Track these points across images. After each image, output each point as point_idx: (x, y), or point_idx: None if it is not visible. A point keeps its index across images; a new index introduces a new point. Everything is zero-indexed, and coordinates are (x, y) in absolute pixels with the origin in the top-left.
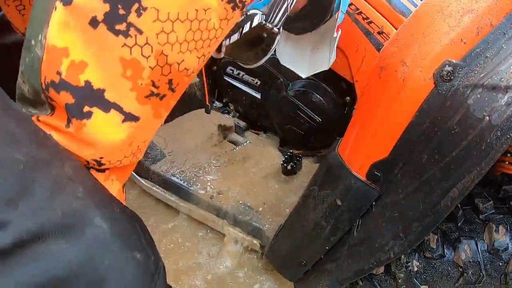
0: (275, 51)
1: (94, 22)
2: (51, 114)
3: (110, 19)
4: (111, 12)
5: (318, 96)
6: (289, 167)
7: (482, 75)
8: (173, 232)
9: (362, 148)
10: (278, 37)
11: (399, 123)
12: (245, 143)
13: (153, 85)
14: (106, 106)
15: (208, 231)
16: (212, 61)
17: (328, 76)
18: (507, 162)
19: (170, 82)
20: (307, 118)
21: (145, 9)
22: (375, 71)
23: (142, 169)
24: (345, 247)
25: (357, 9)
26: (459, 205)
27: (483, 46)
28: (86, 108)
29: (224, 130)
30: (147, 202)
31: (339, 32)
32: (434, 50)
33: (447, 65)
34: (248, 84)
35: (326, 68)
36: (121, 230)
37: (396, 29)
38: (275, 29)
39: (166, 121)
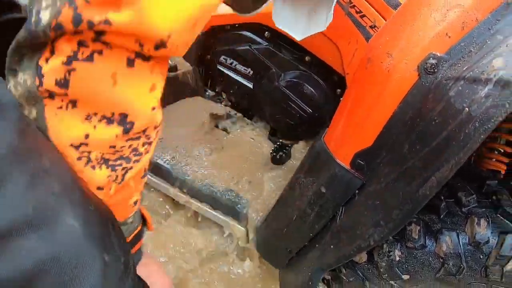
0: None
1: None
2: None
3: None
4: None
5: (310, 87)
6: (278, 156)
7: (465, 68)
8: (161, 217)
9: (347, 137)
10: None
11: (383, 113)
12: (236, 132)
13: None
14: None
15: (199, 218)
16: (206, 50)
17: (320, 68)
18: (494, 159)
19: None
20: (298, 109)
21: None
22: (363, 62)
23: None
24: (328, 234)
25: (351, 2)
26: (442, 198)
27: (468, 41)
28: None
29: (215, 118)
30: None
31: None
32: (419, 43)
33: (431, 58)
34: (241, 74)
35: (323, 29)
36: (92, 231)
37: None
38: None
39: None
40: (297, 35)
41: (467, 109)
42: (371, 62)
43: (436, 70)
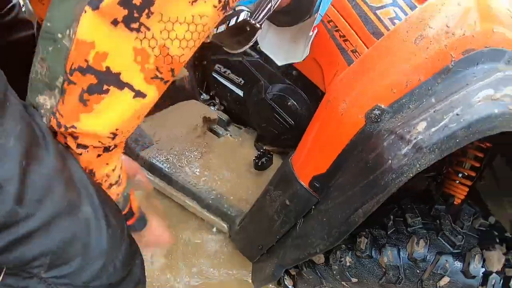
0: (257, 42)
1: (115, 22)
2: (61, 101)
3: (127, 20)
4: (128, 15)
5: (293, 101)
6: (260, 163)
7: (400, 123)
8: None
9: (308, 162)
10: (259, 31)
11: (336, 148)
12: (226, 136)
13: (157, 70)
14: (121, 85)
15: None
16: (202, 56)
17: (305, 84)
18: (457, 181)
19: (172, 70)
20: (282, 120)
21: (152, 13)
22: (324, 102)
23: (132, 154)
24: (289, 239)
25: (336, 26)
26: (391, 217)
27: (409, 98)
28: (105, 87)
29: (208, 122)
30: None
31: (315, 31)
32: (368, 94)
33: (376, 109)
34: (233, 82)
35: (299, 60)
36: (99, 213)
37: (368, 49)
38: (257, 25)
39: (157, 111)
40: (278, 61)
41: (390, 161)
42: (330, 103)
43: (379, 119)
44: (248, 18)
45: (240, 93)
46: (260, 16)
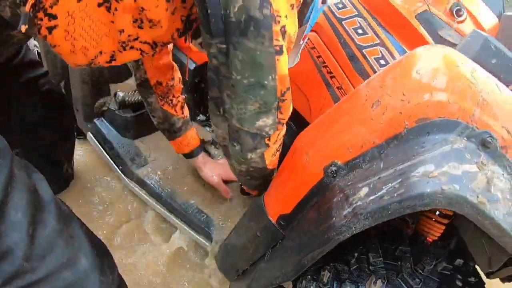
0: None
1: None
2: (279, 112)
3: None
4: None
5: None
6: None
7: (350, 183)
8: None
9: (276, 201)
10: None
11: (298, 193)
12: (218, 158)
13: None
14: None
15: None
16: (201, 78)
17: (294, 115)
18: (434, 219)
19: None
20: None
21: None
22: (291, 150)
23: (128, 171)
24: (260, 266)
25: (324, 62)
26: (355, 254)
27: (363, 158)
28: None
29: (202, 143)
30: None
31: (305, 40)
32: (327, 150)
33: (333, 165)
34: None
35: (290, 66)
36: (94, 264)
37: (354, 87)
38: None
39: (152, 132)
40: None
41: (334, 218)
42: (295, 153)
43: (335, 175)
44: None
45: None
46: None
